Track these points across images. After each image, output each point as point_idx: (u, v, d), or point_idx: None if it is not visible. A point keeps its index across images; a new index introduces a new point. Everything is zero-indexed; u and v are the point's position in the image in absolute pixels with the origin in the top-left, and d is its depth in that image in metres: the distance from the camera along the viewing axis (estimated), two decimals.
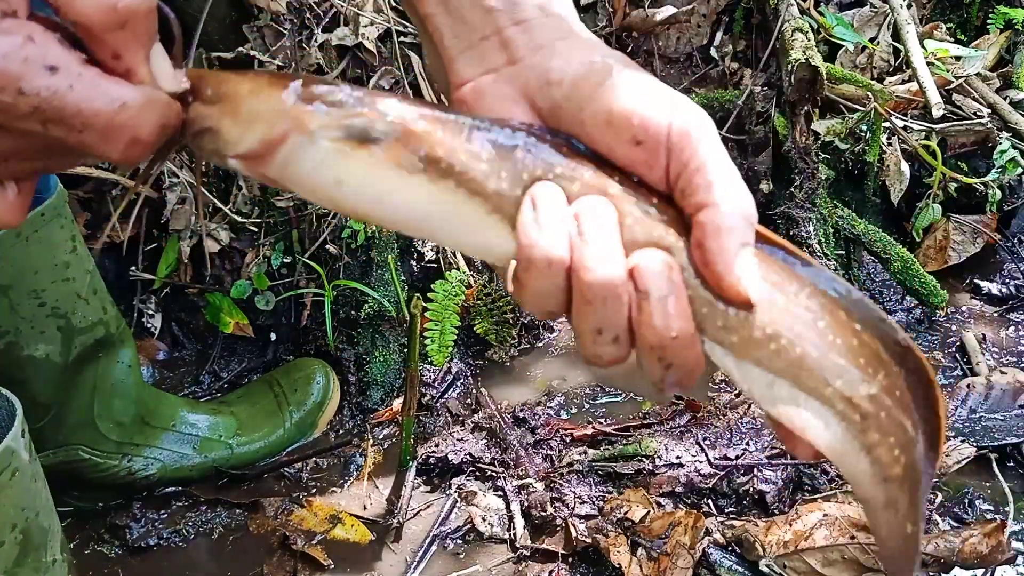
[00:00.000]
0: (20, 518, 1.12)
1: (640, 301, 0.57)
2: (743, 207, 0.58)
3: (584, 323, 0.59)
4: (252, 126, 0.57)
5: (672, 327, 0.57)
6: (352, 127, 0.58)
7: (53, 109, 0.51)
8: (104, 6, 0.51)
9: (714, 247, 0.56)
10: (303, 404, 1.78)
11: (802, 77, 1.97)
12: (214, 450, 1.67)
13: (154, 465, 1.62)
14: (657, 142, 0.58)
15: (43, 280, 1.39)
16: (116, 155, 0.53)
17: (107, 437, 1.56)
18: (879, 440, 0.58)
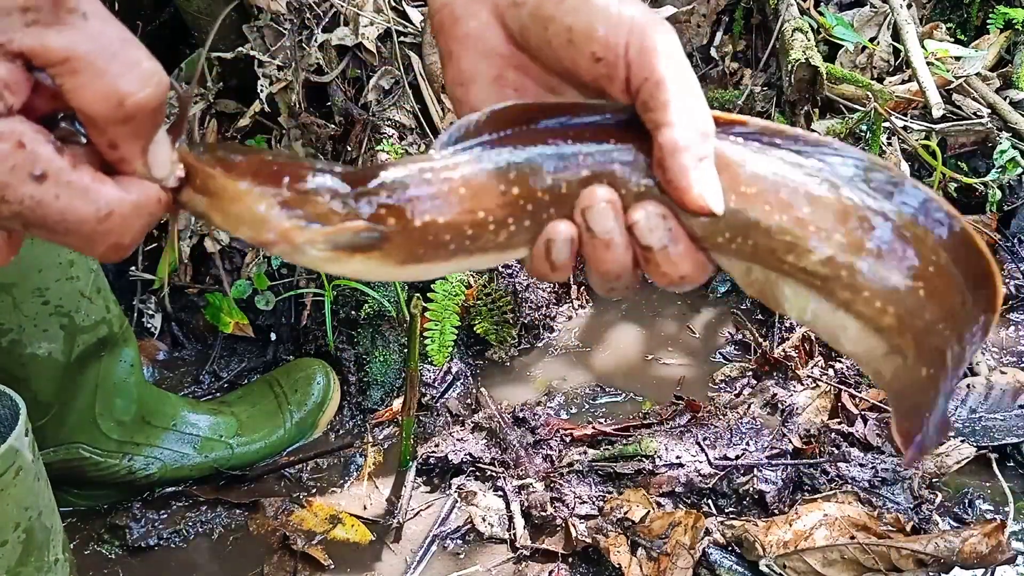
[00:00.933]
0: (23, 517, 1.12)
1: (645, 254, 0.61)
2: (698, 122, 0.58)
3: (600, 286, 0.64)
4: (239, 228, 0.57)
5: (678, 270, 0.61)
6: (339, 241, 0.57)
7: (36, 217, 0.50)
8: (111, 102, 0.50)
9: (673, 166, 0.58)
10: (303, 404, 1.78)
11: (802, 77, 1.97)
12: (214, 450, 1.67)
13: (154, 464, 1.62)
14: (616, 57, 0.60)
15: (47, 278, 1.39)
16: (96, 255, 0.54)
17: (108, 436, 1.56)
18: (851, 297, 0.61)
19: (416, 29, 2.01)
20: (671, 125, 0.58)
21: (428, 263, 0.60)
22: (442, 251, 0.59)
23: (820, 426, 1.70)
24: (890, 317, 0.61)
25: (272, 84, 1.90)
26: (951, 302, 0.61)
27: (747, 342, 2.01)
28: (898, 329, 0.62)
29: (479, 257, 0.61)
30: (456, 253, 0.60)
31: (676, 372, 1.98)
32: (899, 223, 0.61)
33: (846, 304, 0.62)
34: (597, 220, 0.60)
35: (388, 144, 1.93)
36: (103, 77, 0.50)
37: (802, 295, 0.62)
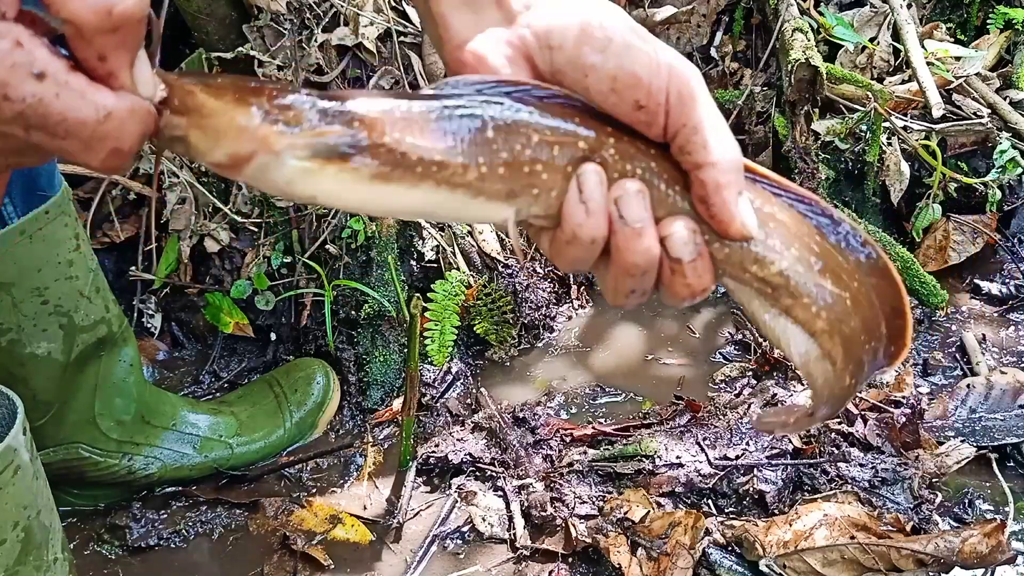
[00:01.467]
0: (22, 516, 1.12)
1: (672, 266, 0.65)
2: (734, 160, 0.65)
3: (620, 287, 0.67)
4: (218, 142, 0.57)
5: (702, 282, 0.66)
6: (318, 145, 0.58)
7: (37, 116, 0.51)
8: (99, 9, 0.50)
9: (717, 202, 0.64)
10: (303, 404, 1.78)
11: (802, 77, 1.97)
12: (214, 450, 1.67)
13: (154, 464, 1.62)
14: (657, 105, 0.63)
15: (46, 278, 1.39)
16: (96, 163, 0.53)
17: (108, 436, 1.56)
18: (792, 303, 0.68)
19: (416, 29, 2.01)
20: (712, 166, 0.64)
21: (396, 185, 0.60)
22: (409, 174, 0.60)
23: (820, 426, 1.70)
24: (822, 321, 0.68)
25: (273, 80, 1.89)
26: (872, 320, 0.69)
27: (747, 342, 2.01)
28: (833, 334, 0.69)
29: (448, 194, 0.62)
30: (423, 179, 0.60)
31: (676, 372, 1.98)
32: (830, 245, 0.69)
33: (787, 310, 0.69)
34: (630, 208, 0.64)
35: None
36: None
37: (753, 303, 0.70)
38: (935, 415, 1.76)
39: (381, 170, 0.59)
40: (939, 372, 1.94)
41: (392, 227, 1.93)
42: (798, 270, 0.68)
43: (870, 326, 0.69)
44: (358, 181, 0.59)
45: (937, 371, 1.94)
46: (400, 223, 1.94)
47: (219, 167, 0.58)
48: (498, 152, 0.61)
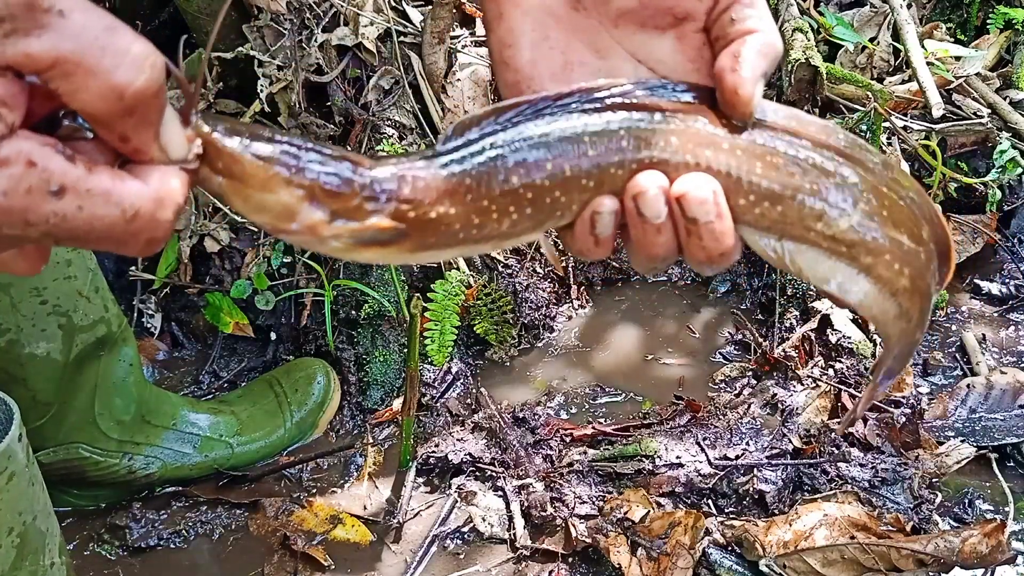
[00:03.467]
0: (17, 522, 1.12)
1: (689, 227, 0.62)
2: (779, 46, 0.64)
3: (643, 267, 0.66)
4: (261, 214, 0.57)
5: (722, 244, 0.63)
6: (363, 235, 0.59)
7: (64, 232, 0.49)
8: (110, 97, 0.48)
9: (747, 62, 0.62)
10: (304, 404, 1.78)
11: (802, 77, 1.97)
12: (215, 449, 1.67)
13: (155, 464, 1.62)
14: None
15: (44, 278, 1.38)
16: (133, 254, 0.53)
17: (108, 435, 1.56)
18: (873, 261, 0.65)
19: (416, 29, 2.01)
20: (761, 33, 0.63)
21: (437, 250, 0.62)
22: (452, 239, 0.61)
23: (820, 426, 1.70)
24: (905, 279, 0.66)
25: (272, 84, 1.90)
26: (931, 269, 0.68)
27: (747, 342, 2.01)
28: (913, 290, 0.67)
29: (482, 245, 0.63)
30: (461, 243, 0.62)
31: (676, 372, 1.98)
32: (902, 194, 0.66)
33: (867, 268, 0.66)
34: (649, 206, 0.62)
35: (388, 144, 1.93)
36: (96, 74, 0.48)
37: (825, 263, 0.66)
38: (935, 415, 1.76)
39: (424, 243, 0.61)
40: (939, 372, 1.94)
41: None
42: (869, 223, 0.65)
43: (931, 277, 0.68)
44: (401, 253, 0.61)
45: (937, 371, 1.94)
46: None
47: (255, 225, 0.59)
48: (524, 195, 0.62)
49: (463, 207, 0.61)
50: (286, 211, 0.57)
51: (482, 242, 0.63)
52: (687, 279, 2.29)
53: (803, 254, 0.66)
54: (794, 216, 0.64)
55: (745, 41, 0.63)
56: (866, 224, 0.65)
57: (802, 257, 0.66)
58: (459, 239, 0.61)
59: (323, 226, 0.57)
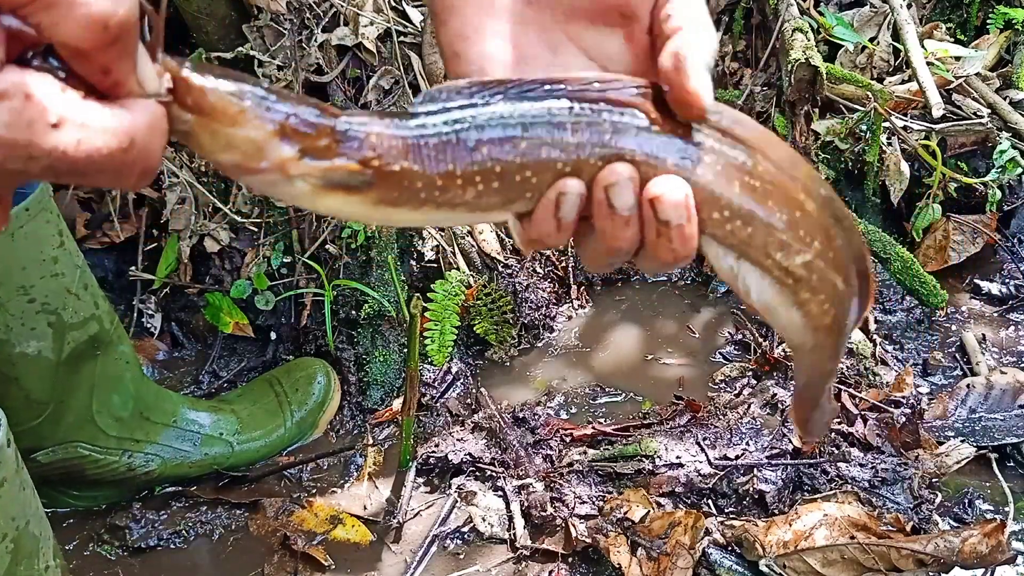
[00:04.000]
0: (10, 527, 1.11)
1: (660, 228, 0.62)
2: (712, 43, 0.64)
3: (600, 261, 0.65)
4: (228, 150, 0.56)
5: (688, 247, 0.63)
6: (331, 177, 0.58)
7: (65, 166, 0.49)
8: (95, 27, 0.48)
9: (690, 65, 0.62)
10: (304, 404, 1.78)
11: (802, 77, 1.97)
12: (215, 447, 1.67)
13: (154, 461, 1.61)
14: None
15: (31, 276, 1.37)
16: (128, 186, 0.52)
17: (107, 433, 1.56)
18: (810, 298, 0.68)
19: (416, 29, 2.01)
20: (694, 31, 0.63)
21: (400, 208, 0.62)
22: (414, 198, 0.61)
23: None
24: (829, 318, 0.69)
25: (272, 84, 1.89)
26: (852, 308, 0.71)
27: (747, 342, 2.01)
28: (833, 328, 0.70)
29: (448, 212, 0.63)
30: (425, 203, 0.62)
31: (676, 372, 1.98)
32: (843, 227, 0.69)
33: (803, 304, 0.68)
34: (620, 196, 0.62)
35: None
36: (79, 4, 0.47)
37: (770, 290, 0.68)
38: (935, 415, 1.76)
39: (387, 197, 0.60)
40: (939, 372, 1.94)
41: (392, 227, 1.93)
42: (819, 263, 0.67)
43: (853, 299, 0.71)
44: (363, 204, 0.60)
45: (937, 371, 1.94)
46: None
47: (220, 166, 0.57)
48: (492, 168, 0.62)
49: (428, 167, 0.61)
50: (255, 147, 0.56)
51: (445, 208, 0.62)
52: (687, 279, 2.29)
53: (754, 277, 0.67)
54: (760, 241, 0.65)
55: (681, 39, 0.63)
56: (814, 264, 0.67)
57: (752, 279, 0.67)
58: (421, 199, 0.61)
59: (292, 163, 0.57)
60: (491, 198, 0.63)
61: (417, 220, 0.63)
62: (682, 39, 0.63)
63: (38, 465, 1.51)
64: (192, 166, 1.93)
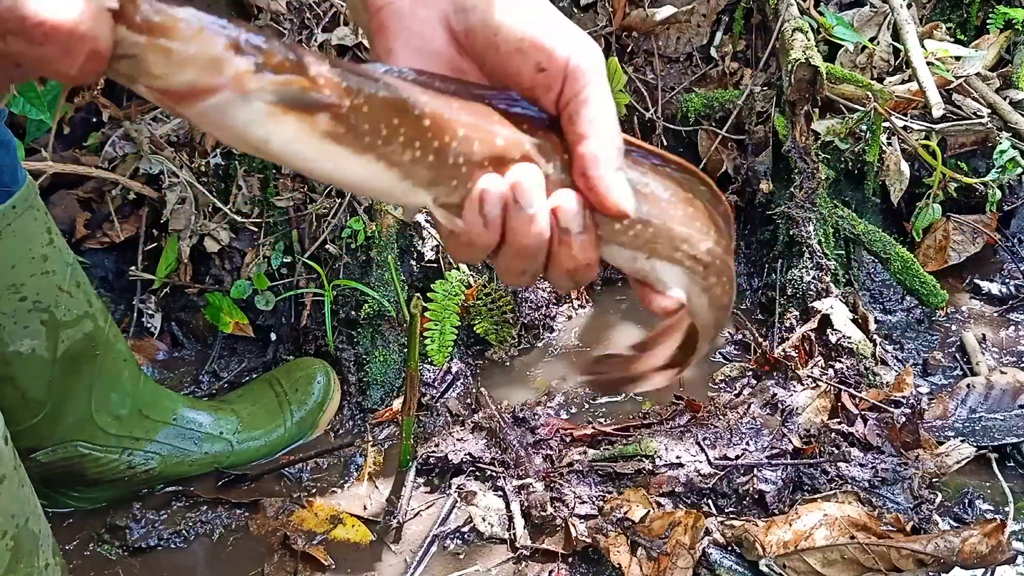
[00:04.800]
0: (10, 525, 1.11)
1: (561, 237, 0.68)
2: (617, 139, 0.68)
3: (513, 267, 0.69)
4: (182, 70, 0.55)
5: (588, 256, 0.69)
6: (288, 93, 0.59)
7: (16, 20, 0.50)
8: None
9: (595, 175, 0.67)
10: (304, 403, 1.78)
11: (802, 77, 1.97)
12: (215, 446, 1.67)
13: (154, 460, 1.61)
14: (558, 71, 0.67)
15: (21, 274, 1.36)
16: (75, 70, 0.52)
17: (106, 432, 1.55)
18: (715, 281, 0.75)
19: None
20: (595, 138, 0.67)
21: (345, 148, 0.63)
22: (357, 142, 0.62)
23: (820, 426, 1.70)
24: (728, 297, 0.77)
25: None
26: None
27: (747, 342, 2.01)
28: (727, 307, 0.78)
29: (383, 170, 0.64)
30: (367, 150, 0.63)
31: None
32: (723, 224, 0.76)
33: (710, 288, 0.75)
34: (527, 195, 0.66)
35: None
36: None
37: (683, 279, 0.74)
38: (935, 415, 1.76)
39: (336, 130, 0.61)
40: (939, 372, 1.94)
41: (392, 227, 1.93)
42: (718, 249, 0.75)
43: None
44: (312, 134, 0.61)
45: (937, 371, 1.94)
46: (400, 223, 1.94)
47: (170, 95, 0.56)
48: (431, 141, 0.64)
49: (377, 112, 0.62)
50: (212, 62, 0.55)
51: (383, 163, 0.64)
52: None
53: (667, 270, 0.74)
54: (665, 237, 0.72)
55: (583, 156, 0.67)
56: (714, 249, 0.74)
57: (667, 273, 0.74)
58: (365, 144, 0.63)
59: (250, 77, 0.56)
60: (423, 170, 0.65)
61: (355, 171, 0.64)
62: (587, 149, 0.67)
63: (38, 465, 1.51)
64: (192, 166, 1.93)
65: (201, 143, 1.94)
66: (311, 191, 1.96)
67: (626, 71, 2.18)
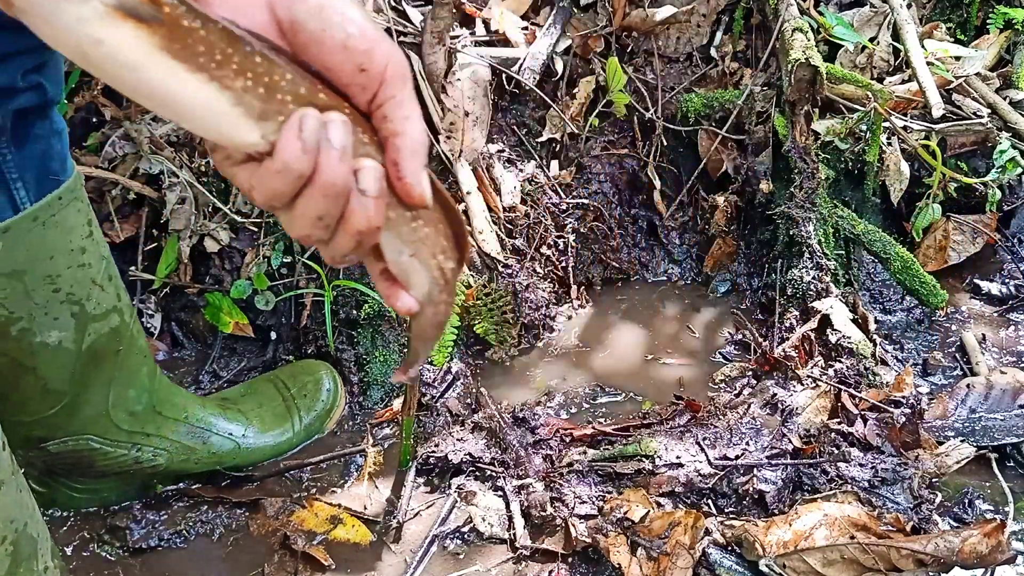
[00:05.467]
0: (9, 530, 1.11)
1: (360, 195, 0.73)
2: (425, 142, 0.76)
3: (310, 212, 0.73)
4: None
5: (378, 220, 0.75)
6: (128, 2, 0.60)
7: None
8: None
9: (407, 167, 0.75)
10: (312, 408, 1.78)
11: (802, 77, 1.97)
12: (223, 446, 1.67)
13: (161, 456, 1.60)
14: (377, 73, 0.73)
15: (59, 265, 1.35)
16: None
17: (119, 427, 1.54)
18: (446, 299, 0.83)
19: (416, 29, 2.01)
20: (409, 135, 0.74)
21: (178, 63, 0.64)
22: (194, 59, 0.65)
23: (820, 426, 1.70)
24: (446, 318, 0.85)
25: None
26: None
27: (747, 342, 2.01)
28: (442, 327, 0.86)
29: (215, 92, 0.67)
30: (201, 70, 0.65)
31: (676, 372, 1.98)
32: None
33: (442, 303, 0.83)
34: (340, 132, 0.71)
35: None
36: None
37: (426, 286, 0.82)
38: (935, 415, 1.76)
39: (172, 45, 0.63)
40: (939, 372, 1.94)
41: None
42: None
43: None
44: (148, 44, 0.62)
45: (937, 371, 1.94)
46: None
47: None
48: (262, 76, 0.68)
49: (213, 39, 0.65)
50: None
51: (215, 87, 0.66)
52: (687, 279, 2.29)
53: (418, 273, 0.81)
54: (432, 242, 0.80)
55: (398, 148, 0.74)
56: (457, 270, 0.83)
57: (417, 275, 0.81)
58: (199, 63, 0.65)
59: None
60: (253, 100, 0.68)
61: (186, 89, 0.65)
62: (399, 149, 0.74)
63: (47, 455, 1.50)
64: (192, 166, 1.93)
65: (201, 143, 1.94)
66: None
67: (626, 71, 2.19)
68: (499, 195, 2.06)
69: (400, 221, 0.78)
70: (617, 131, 2.27)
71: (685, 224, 2.31)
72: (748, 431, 1.69)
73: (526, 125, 2.18)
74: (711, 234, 2.26)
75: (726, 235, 2.24)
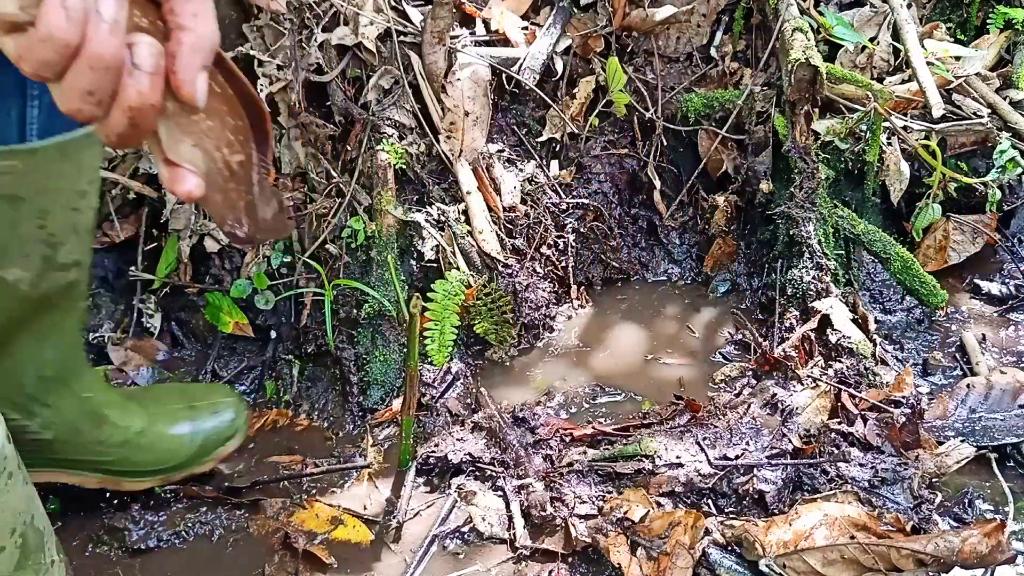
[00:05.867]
0: (18, 522, 1.11)
1: (134, 71, 0.72)
2: (214, 39, 0.75)
3: (78, 85, 0.71)
4: None
5: (152, 98, 0.73)
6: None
7: None
8: None
9: (182, 62, 0.73)
10: (215, 425, 1.68)
11: (802, 77, 1.97)
12: (113, 437, 1.56)
13: (50, 431, 1.49)
14: None
15: (56, 202, 1.30)
16: None
17: (24, 389, 1.44)
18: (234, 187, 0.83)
19: (416, 29, 2.01)
20: (194, 31, 0.74)
21: None
22: None
23: (820, 426, 1.70)
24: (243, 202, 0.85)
25: (272, 83, 1.90)
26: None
27: (747, 342, 2.01)
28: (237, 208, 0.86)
29: None
30: None
31: (676, 372, 1.98)
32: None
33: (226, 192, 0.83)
34: (108, 6, 0.69)
35: (388, 144, 1.93)
36: None
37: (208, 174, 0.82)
38: (935, 415, 1.76)
39: None
40: (939, 372, 1.94)
41: (392, 227, 1.93)
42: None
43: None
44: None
45: (937, 371, 1.94)
46: (400, 223, 1.94)
47: None
48: None
49: None
50: None
51: None
52: (687, 279, 2.29)
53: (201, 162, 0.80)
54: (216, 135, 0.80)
55: (180, 41, 0.73)
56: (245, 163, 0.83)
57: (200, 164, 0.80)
58: None
59: None
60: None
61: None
62: (181, 42, 0.73)
63: None
64: None
65: None
66: (311, 191, 1.96)
67: (626, 71, 2.19)
68: (499, 195, 2.06)
69: (180, 111, 0.77)
70: (617, 131, 2.27)
71: (685, 224, 2.31)
72: (748, 431, 1.69)
73: (526, 125, 2.18)
74: (711, 234, 2.26)
75: (726, 235, 2.24)
